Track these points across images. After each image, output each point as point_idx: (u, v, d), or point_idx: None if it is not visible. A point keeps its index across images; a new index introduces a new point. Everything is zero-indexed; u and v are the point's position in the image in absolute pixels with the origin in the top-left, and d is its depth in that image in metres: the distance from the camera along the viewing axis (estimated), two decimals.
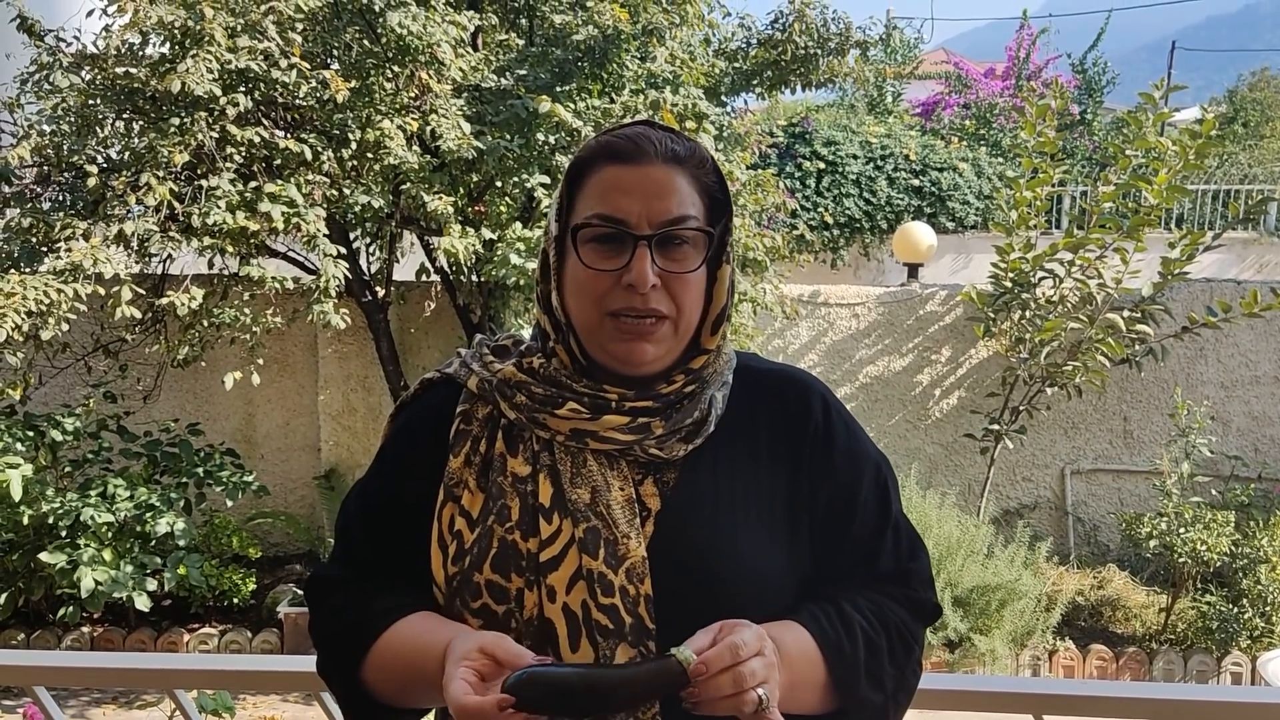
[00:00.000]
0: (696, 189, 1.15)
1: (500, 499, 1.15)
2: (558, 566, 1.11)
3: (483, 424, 1.19)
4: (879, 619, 1.19)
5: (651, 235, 1.12)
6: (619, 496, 1.13)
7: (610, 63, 5.37)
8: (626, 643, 1.09)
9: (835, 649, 1.14)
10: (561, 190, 1.18)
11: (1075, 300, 6.14)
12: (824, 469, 1.21)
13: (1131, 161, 6.02)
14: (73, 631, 5.68)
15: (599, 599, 1.09)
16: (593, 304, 1.14)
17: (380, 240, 6.14)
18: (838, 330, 7.00)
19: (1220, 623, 5.67)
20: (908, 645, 1.21)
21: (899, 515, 1.26)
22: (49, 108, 5.28)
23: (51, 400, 6.35)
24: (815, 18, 6.36)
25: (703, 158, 1.17)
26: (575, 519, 1.12)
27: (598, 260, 1.13)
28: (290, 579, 6.39)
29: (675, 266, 1.13)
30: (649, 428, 1.15)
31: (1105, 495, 6.96)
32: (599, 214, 1.13)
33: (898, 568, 1.24)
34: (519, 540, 1.13)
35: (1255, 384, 6.83)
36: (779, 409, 1.23)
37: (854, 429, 1.26)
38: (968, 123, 13.12)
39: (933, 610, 1.26)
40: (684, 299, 1.14)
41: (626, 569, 1.10)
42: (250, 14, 4.91)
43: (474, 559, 1.13)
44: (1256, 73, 23.46)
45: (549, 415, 1.16)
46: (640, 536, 1.12)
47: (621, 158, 1.14)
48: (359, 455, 6.73)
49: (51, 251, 4.95)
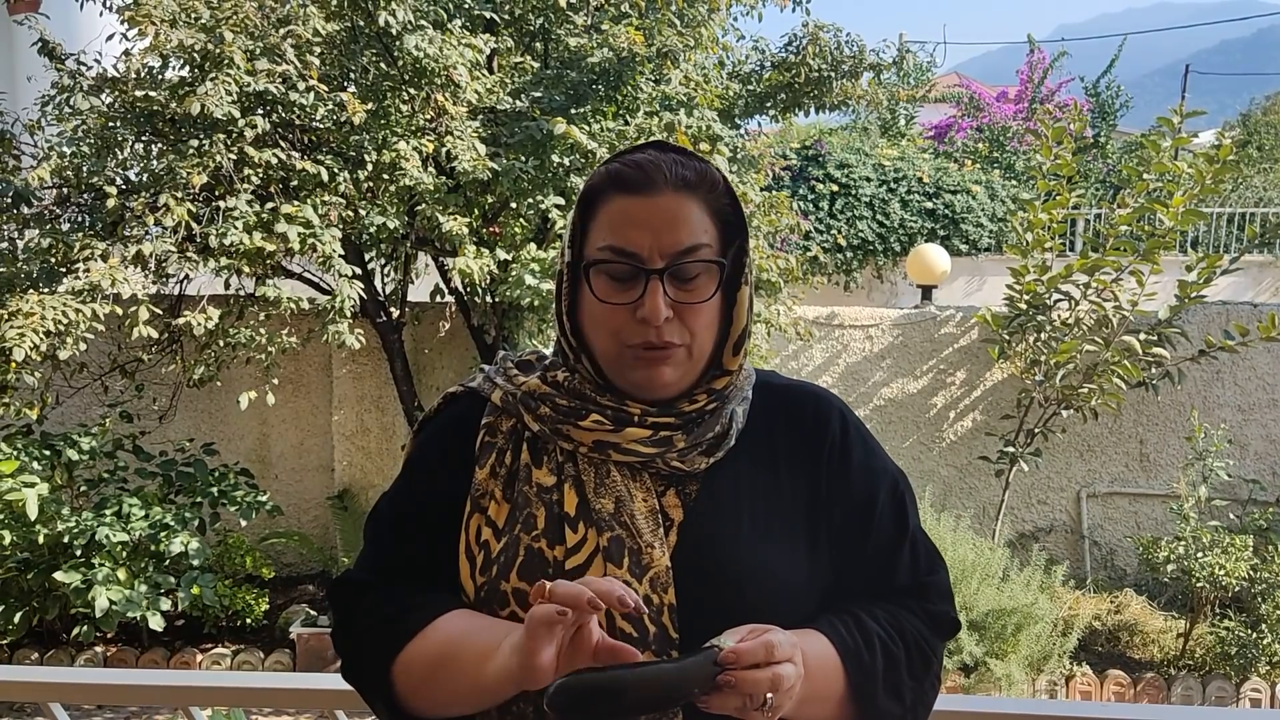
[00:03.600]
0: (709, 214, 1.15)
1: (526, 508, 1.15)
2: (583, 575, 1.11)
3: (507, 436, 1.21)
4: (897, 631, 1.19)
5: (663, 269, 1.12)
6: (642, 507, 1.14)
7: (625, 85, 5.40)
8: (650, 651, 1.09)
9: (854, 658, 1.13)
10: (574, 216, 1.19)
11: (1091, 323, 6.12)
12: (841, 483, 1.21)
13: (1147, 185, 6.01)
14: (86, 651, 5.68)
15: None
16: (610, 336, 1.15)
17: (395, 261, 6.17)
18: (852, 352, 6.99)
19: (1239, 648, 5.60)
20: (926, 658, 1.21)
21: (917, 530, 1.26)
22: (69, 130, 5.32)
23: (68, 420, 6.38)
24: (829, 41, 6.38)
25: (714, 181, 1.16)
26: (600, 528, 1.13)
27: (611, 294, 1.13)
28: (303, 599, 6.39)
29: (689, 297, 1.13)
30: (671, 441, 1.16)
31: (1122, 519, 6.91)
32: (611, 246, 1.13)
33: (915, 581, 1.24)
34: (545, 548, 1.13)
35: (1273, 407, 6.78)
36: (798, 423, 1.24)
37: (871, 444, 1.26)
38: (980, 145, 13.14)
39: (951, 624, 1.25)
40: (697, 327, 1.15)
41: (651, 578, 1.11)
42: (269, 38, 4.95)
43: (501, 568, 1.14)
44: (1270, 96, 23.44)
45: (573, 427, 1.17)
46: (664, 546, 1.12)
47: (631, 188, 1.14)
48: (372, 475, 6.73)
49: (70, 272, 4.99)
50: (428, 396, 6.52)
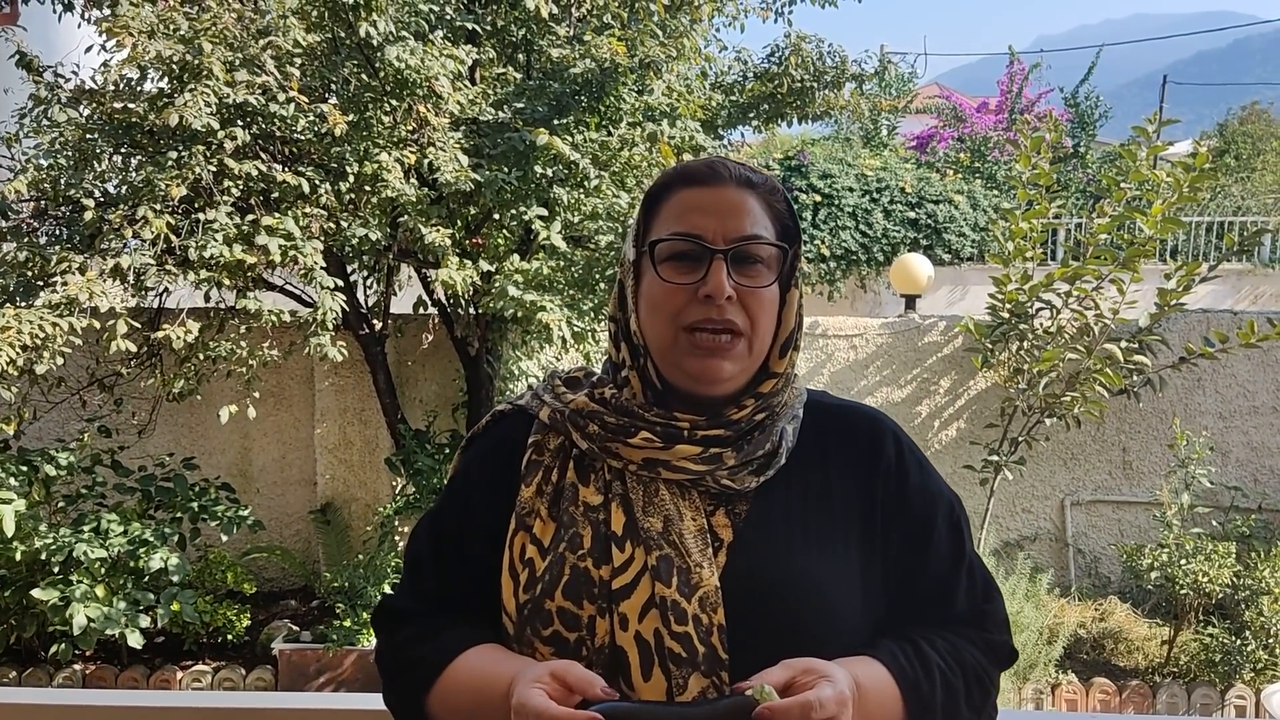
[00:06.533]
0: (769, 214, 1.19)
1: (572, 527, 1.15)
2: (630, 594, 1.10)
3: (554, 454, 1.20)
4: (956, 660, 1.17)
5: (727, 249, 1.14)
6: (691, 526, 1.13)
7: (607, 96, 5.39)
8: (699, 672, 1.07)
9: (913, 688, 1.12)
10: (638, 218, 1.21)
11: (1073, 331, 6.14)
12: (898, 507, 1.20)
13: (1126, 193, 6.04)
14: (65, 669, 5.60)
15: (672, 627, 1.08)
16: (669, 320, 1.15)
17: (378, 273, 6.13)
18: (836, 361, 6.99)
19: (1223, 655, 5.62)
20: (985, 689, 1.19)
21: (973, 555, 1.25)
22: (47, 142, 5.27)
23: (46, 435, 6.31)
24: (811, 51, 6.40)
25: (773, 186, 1.21)
26: (648, 547, 1.12)
27: (675, 275, 1.15)
28: (285, 615, 6.33)
29: (750, 282, 1.15)
30: (721, 458, 1.15)
31: (1105, 526, 6.93)
32: (676, 231, 1.16)
33: (972, 609, 1.23)
34: (591, 568, 1.12)
35: (1254, 414, 6.82)
36: (851, 445, 1.23)
37: (926, 466, 1.25)
38: (962, 156, 13.21)
39: (1009, 654, 1.24)
40: (758, 315, 1.16)
41: (699, 597, 1.09)
42: (249, 49, 4.92)
43: (545, 586, 1.13)
44: (1246, 106, 23.67)
45: (622, 445, 1.16)
46: (713, 566, 1.11)
47: (697, 180, 1.18)
48: (355, 489, 6.68)
49: (47, 285, 4.93)
50: (411, 409, 6.48)
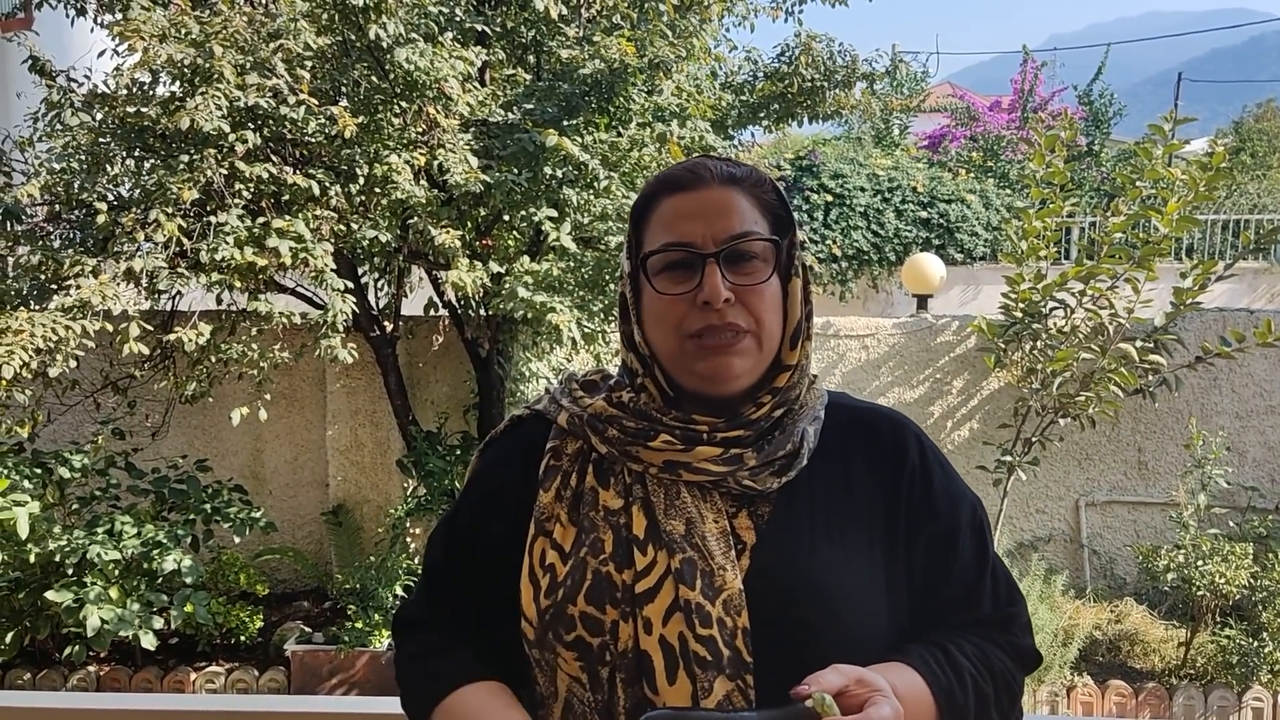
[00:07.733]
0: (758, 207, 1.17)
1: (593, 532, 1.14)
2: (654, 598, 1.09)
3: (573, 459, 1.19)
4: (986, 666, 1.16)
5: (718, 251, 1.12)
6: (713, 528, 1.12)
7: (617, 96, 5.38)
8: (724, 675, 1.06)
9: (948, 696, 1.11)
10: (629, 231, 1.20)
11: (1087, 330, 6.10)
12: (924, 510, 1.19)
13: (1141, 192, 6.00)
14: (79, 671, 5.63)
15: (697, 630, 1.07)
16: (672, 330, 1.14)
17: (388, 275, 6.14)
18: (849, 362, 6.96)
19: (1241, 657, 5.57)
20: (1013, 694, 1.18)
21: (995, 558, 1.24)
22: (60, 146, 5.30)
23: (60, 437, 6.34)
24: (821, 51, 6.38)
25: (760, 179, 1.18)
26: (671, 550, 1.10)
27: (671, 286, 1.14)
28: (298, 616, 6.34)
29: (746, 280, 1.13)
30: (742, 459, 1.14)
31: (1121, 527, 6.88)
32: (665, 242, 1.14)
33: (998, 612, 1.22)
34: (613, 572, 1.11)
35: (1270, 414, 6.76)
36: (874, 447, 1.22)
37: (949, 470, 1.24)
38: (974, 155, 13.16)
39: (1035, 658, 1.23)
40: (761, 311, 1.14)
41: (724, 600, 1.08)
42: (259, 52, 4.93)
43: (567, 591, 1.12)
44: (1262, 104, 23.53)
45: (642, 448, 1.15)
46: (736, 569, 1.10)
47: (680, 186, 1.16)
48: (367, 490, 6.69)
49: (61, 289, 4.96)
50: (422, 410, 6.49)
